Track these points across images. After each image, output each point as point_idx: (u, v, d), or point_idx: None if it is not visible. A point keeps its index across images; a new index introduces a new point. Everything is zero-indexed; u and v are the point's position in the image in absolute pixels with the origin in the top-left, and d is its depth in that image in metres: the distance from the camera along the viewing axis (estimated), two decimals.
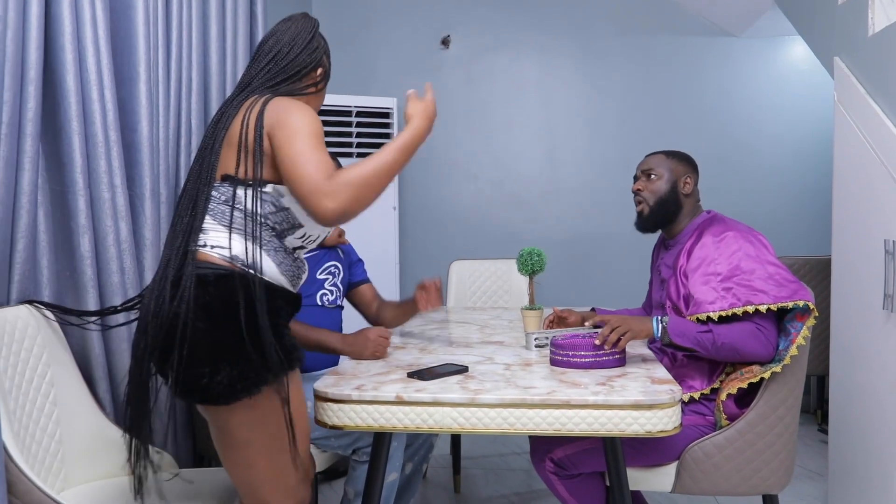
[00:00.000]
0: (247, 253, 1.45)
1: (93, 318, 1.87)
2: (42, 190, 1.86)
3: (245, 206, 1.47)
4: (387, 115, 3.92)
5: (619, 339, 1.76)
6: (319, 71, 1.65)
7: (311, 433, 1.96)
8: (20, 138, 1.74)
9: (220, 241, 1.47)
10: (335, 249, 2.46)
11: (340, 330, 2.43)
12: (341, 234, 2.47)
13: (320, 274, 2.37)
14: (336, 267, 2.41)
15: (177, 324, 1.39)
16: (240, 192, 1.47)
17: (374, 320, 2.46)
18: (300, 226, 1.54)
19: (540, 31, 4.33)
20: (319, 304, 2.34)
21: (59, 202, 1.89)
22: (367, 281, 2.54)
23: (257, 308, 1.43)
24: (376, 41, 4.36)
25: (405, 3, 4.35)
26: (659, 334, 1.85)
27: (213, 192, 1.49)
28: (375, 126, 3.89)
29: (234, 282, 1.42)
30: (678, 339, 1.84)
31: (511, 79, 4.36)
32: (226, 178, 1.49)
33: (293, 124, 1.42)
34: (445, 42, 4.32)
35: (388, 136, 3.92)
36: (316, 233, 1.60)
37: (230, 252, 1.46)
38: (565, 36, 4.32)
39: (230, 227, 1.47)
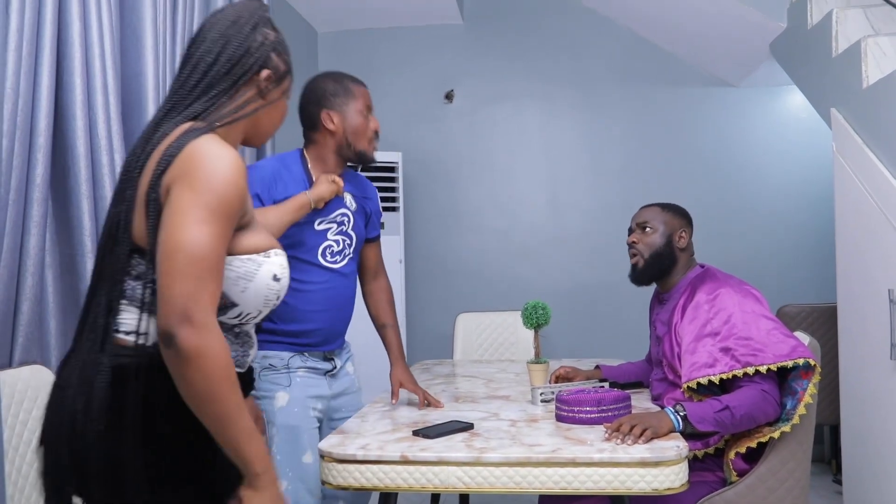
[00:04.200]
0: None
1: None
2: (51, 253, 1.89)
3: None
4: (392, 170, 3.96)
5: (631, 429, 1.62)
6: (265, 73, 1.25)
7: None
8: (27, 204, 1.78)
9: (131, 324, 1.14)
10: (338, 198, 1.99)
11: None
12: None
13: (319, 225, 1.95)
14: (345, 216, 2.00)
15: (90, 440, 1.07)
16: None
17: (368, 304, 2.19)
18: (234, 305, 1.18)
19: (541, 81, 4.40)
20: (322, 263, 1.95)
21: (69, 265, 1.92)
22: (376, 239, 2.19)
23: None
24: (380, 95, 4.39)
25: (408, 57, 4.44)
26: (681, 426, 1.72)
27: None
28: (381, 180, 3.91)
29: (155, 373, 1.08)
30: (701, 426, 1.75)
31: (514, 129, 4.42)
32: (136, 250, 1.15)
33: (191, 188, 1.08)
34: (449, 97, 4.39)
35: (393, 189, 3.95)
36: (256, 311, 1.22)
37: (147, 338, 1.12)
38: (566, 86, 4.39)
39: (143, 306, 1.13)
